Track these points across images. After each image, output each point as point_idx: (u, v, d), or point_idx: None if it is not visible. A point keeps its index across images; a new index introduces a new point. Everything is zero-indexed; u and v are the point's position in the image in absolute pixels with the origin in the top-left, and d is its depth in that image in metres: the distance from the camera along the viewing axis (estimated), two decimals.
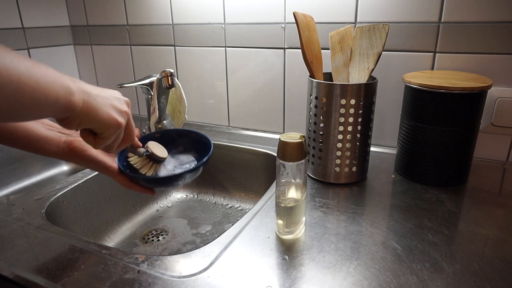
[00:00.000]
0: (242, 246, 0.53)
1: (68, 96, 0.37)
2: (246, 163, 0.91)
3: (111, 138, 0.45)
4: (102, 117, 0.42)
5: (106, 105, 0.43)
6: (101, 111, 0.41)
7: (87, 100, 0.40)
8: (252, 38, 0.94)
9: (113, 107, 0.44)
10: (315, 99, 0.68)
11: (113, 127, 0.43)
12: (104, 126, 0.42)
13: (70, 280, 0.47)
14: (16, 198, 0.68)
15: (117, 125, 0.44)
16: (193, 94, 1.08)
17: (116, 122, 0.43)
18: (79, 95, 0.39)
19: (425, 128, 0.67)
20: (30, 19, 1.08)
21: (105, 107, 0.42)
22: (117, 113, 0.44)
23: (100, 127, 0.42)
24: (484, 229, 0.56)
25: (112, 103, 0.44)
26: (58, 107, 0.37)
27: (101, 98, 0.42)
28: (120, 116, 0.44)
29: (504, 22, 0.71)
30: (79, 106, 0.39)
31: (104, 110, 0.42)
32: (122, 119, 0.45)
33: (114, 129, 0.44)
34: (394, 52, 0.81)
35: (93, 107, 0.41)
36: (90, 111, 0.40)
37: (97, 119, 0.41)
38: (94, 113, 0.41)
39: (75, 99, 0.38)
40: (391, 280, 0.46)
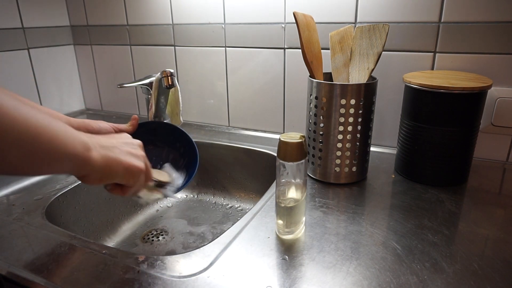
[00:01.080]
0: (242, 246, 0.53)
1: (86, 152, 0.37)
2: (246, 163, 0.91)
3: (137, 185, 0.46)
4: (123, 168, 0.42)
5: (124, 154, 0.43)
6: (121, 162, 0.42)
7: (106, 155, 0.40)
8: (252, 38, 0.94)
9: (130, 154, 0.44)
10: (315, 99, 0.68)
11: (137, 174, 0.44)
12: (128, 176, 0.43)
13: (70, 280, 0.47)
14: (16, 198, 0.68)
15: (140, 172, 0.44)
16: (193, 94, 1.08)
17: (138, 169, 0.44)
18: (96, 149, 0.39)
19: (425, 128, 0.67)
20: (30, 19, 1.08)
21: (124, 156, 0.43)
22: (136, 159, 0.44)
23: (124, 178, 0.43)
24: (484, 229, 0.56)
25: (128, 150, 0.44)
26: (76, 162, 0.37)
27: (117, 148, 0.43)
28: (139, 161, 0.45)
29: (504, 22, 0.71)
30: (97, 162, 0.39)
31: (124, 160, 0.42)
32: (142, 164, 0.45)
33: (138, 175, 0.44)
34: (394, 52, 0.81)
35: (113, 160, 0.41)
36: (110, 164, 0.40)
37: (119, 171, 0.42)
38: (115, 166, 0.41)
39: (93, 154, 0.38)
40: (391, 280, 0.46)
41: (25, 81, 1.10)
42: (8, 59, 1.04)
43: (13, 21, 1.04)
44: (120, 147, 0.44)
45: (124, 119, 1.17)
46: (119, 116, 1.21)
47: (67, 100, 1.24)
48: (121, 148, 0.43)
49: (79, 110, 1.28)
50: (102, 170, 0.40)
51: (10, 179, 0.75)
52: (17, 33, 1.05)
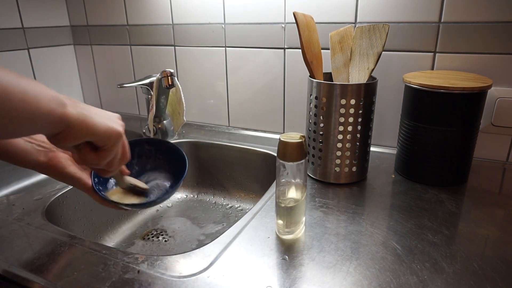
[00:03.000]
0: (242, 246, 0.53)
1: (60, 107, 0.36)
2: (246, 163, 0.91)
3: (114, 150, 0.43)
4: (101, 127, 0.40)
5: (101, 116, 0.41)
6: (99, 121, 0.40)
7: (81, 112, 0.38)
8: (252, 38, 0.94)
9: (109, 119, 0.42)
10: (315, 99, 0.68)
11: (114, 136, 0.42)
12: (106, 135, 0.41)
13: (70, 280, 0.47)
14: (16, 198, 0.68)
15: (118, 134, 0.42)
16: (193, 94, 1.08)
17: (116, 131, 0.42)
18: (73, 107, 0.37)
19: (425, 128, 0.67)
20: (30, 19, 1.08)
21: (101, 118, 0.41)
22: (114, 123, 0.42)
23: (101, 137, 0.41)
24: (484, 229, 0.56)
25: (105, 115, 0.42)
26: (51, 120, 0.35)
27: (95, 110, 0.41)
28: (118, 126, 0.43)
29: (504, 22, 0.71)
30: (73, 117, 0.37)
31: (102, 120, 0.40)
32: (121, 128, 0.44)
33: (116, 138, 0.42)
34: (394, 52, 0.81)
35: (90, 117, 0.39)
36: (87, 121, 0.38)
37: (96, 129, 0.39)
38: (92, 124, 0.39)
39: (69, 110, 0.36)
40: (391, 280, 0.46)
41: None
42: (8, 59, 1.04)
43: (13, 21, 1.04)
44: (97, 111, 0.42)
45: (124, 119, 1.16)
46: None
47: None
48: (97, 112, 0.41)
49: None
50: (78, 125, 0.37)
51: (10, 179, 0.75)
52: (17, 33, 1.05)
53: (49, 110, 0.34)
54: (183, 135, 1.00)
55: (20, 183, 0.74)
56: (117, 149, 0.44)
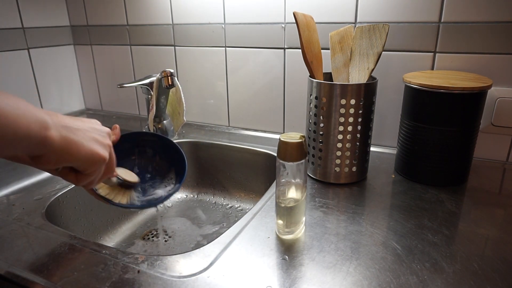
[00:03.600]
0: (242, 246, 0.53)
1: (42, 130, 0.34)
2: (246, 163, 0.91)
3: (95, 175, 0.42)
4: (85, 153, 0.38)
5: (88, 139, 0.39)
6: (83, 146, 0.38)
7: (66, 135, 0.36)
8: (252, 38, 0.94)
9: (95, 140, 0.40)
10: (315, 99, 0.68)
11: (98, 162, 0.40)
12: (88, 163, 0.39)
13: (70, 280, 0.47)
14: (16, 198, 0.68)
15: (102, 160, 0.41)
16: (193, 94, 1.08)
17: (100, 157, 0.40)
18: (56, 129, 0.35)
19: (425, 128, 0.67)
20: (30, 19, 1.08)
21: (87, 141, 0.39)
22: (100, 146, 0.41)
23: (83, 164, 0.39)
24: (484, 229, 0.56)
25: (93, 136, 0.40)
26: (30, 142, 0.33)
27: (82, 132, 0.39)
28: (104, 150, 0.41)
29: (504, 22, 0.71)
30: (55, 142, 0.35)
31: (86, 145, 0.39)
32: (106, 153, 0.42)
33: (99, 164, 0.41)
34: (394, 52, 0.81)
35: (74, 142, 0.37)
36: (70, 147, 0.37)
37: (79, 155, 0.38)
38: (75, 149, 0.37)
39: (51, 134, 0.34)
40: (391, 280, 0.46)
41: (25, 81, 1.10)
42: (8, 59, 1.04)
43: (13, 21, 1.04)
44: (85, 131, 0.40)
45: (124, 119, 1.17)
46: (119, 116, 1.21)
47: (67, 100, 1.24)
48: (86, 133, 0.39)
49: (79, 110, 1.28)
50: (59, 152, 0.36)
51: (10, 179, 0.75)
52: (17, 33, 1.05)
53: (28, 133, 0.33)
54: (183, 135, 1.00)
55: (20, 183, 0.74)
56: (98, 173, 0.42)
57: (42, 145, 0.34)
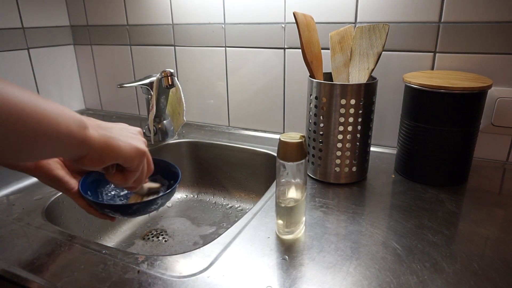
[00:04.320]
0: (242, 246, 0.53)
1: (81, 130, 0.34)
2: (246, 163, 0.91)
3: (140, 169, 0.43)
4: (125, 149, 0.39)
5: (124, 136, 0.40)
6: (122, 142, 0.39)
7: (104, 134, 0.37)
8: (252, 38, 0.94)
9: (131, 137, 0.41)
10: (315, 99, 0.68)
11: (140, 155, 0.41)
12: (131, 157, 0.40)
13: (70, 280, 0.47)
14: (16, 198, 0.68)
15: (142, 153, 0.42)
16: (193, 94, 1.08)
17: (140, 150, 0.41)
18: (94, 129, 0.36)
19: (425, 128, 0.67)
20: (30, 19, 1.08)
21: (124, 138, 0.40)
22: (138, 141, 0.42)
23: (126, 159, 0.40)
24: (484, 229, 0.56)
25: (127, 134, 0.42)
26: (72, 142, 0.34)
27: (116, 130, 0.40)
28: (142, 144, 0.42)
29: (504, 22, 0.71)
30: (95, 140, 0.36)
31: (125, 140, 0.40)
32: (144, 146, 0.43)
33: (141, 157, 0.41)
34: (394, 52, 0.81)
35: (112, 139, 0.38)
36: (111, 143, 0.38)
37: (121, 151, 0.39)
38: (116, 146, 0.38)
39: (90, 133, 0.35)
40: (391, 280, 0.46)
41: (25, 81, 1.10)
42: (8, 59, 1.04)
43: (13, 21, 1.04)
44: (119, 129, 0.41)
45: (124, 119, 1.17)
46: (119, 116, 1.21)
47: (67, 100, 1.24)
48: (120, 131, 0.41)
49: (79, 110, 1.28)
50: (101, 149, 0.37)
51: (10, 179, 0.75)
52: (17, 33, 1.05)
53: (69, 132, 0.33)
54: (183, 135, 1.00)
55: (20, 183, 0.74)
56: (143, 167, 0.43)
57: (83, 144, 0.35)
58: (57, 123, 0.32)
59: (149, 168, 0.46)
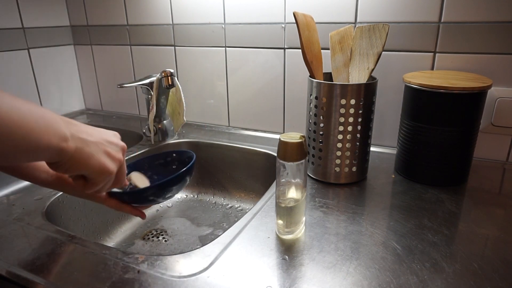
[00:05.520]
0: (242, 246, 0.53)
1: (61, 142, 0.37)
2: (246, 163, 0.91)
3: (101, 184, 0.45)
4: (93, 165, 0.42)
5: (99, 152, 0.43)
6: (93, 159, 0.41)
7: (80, 147, 0.40)
8: (252, 38, 0.94)
9: (107, 154, 0.44)
10: (315, 99, 0.68)
11: (104, 174, 0.43)
12: (95, 174, 0.43)
13: (70, 280, 0.47)
14: (16, 198, 0.68)
15: (108, 173, 0.44)
16: (193, 94, 1.08)
17: (106, 170, 0.43)
18: (73, 141, 0.39)
19: (425, 128, 0.67)
20: (30, 19, 1.08)
21: (98, 154, 0.42)
22: (109, 160, 0.44)
23: (90, 174, 0.42)
24: (484, 229, 0.56)
25: (106, 149, 0.44)
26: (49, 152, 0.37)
27: (95, 144, 0.42)
28: (112, 163, 0.44)
29: (504, 22, 0.71)
30: (70, 153, 0.39)
31: (96, 158, 0.42)
32: (114, 167, 0.44)
33: (104, 176, 0.44)
34: (394, 52, 0.81)
35: (85, 154, 0.41)
36: (81, 158, 0.40)
37: (88, 166, 0.41)
38: (85, 161, 0.41)
39: (68, 145, 0.38)
40: (391, 280, 0.46)
41: (25, 81, 1.10)
42: (8, 59, 1.04)
43: (13, 21, 1.04)
44: (99, 144, 0.43)
45: (124, 119, 1.17)
46: (119, 116, 1.21)
47: (67, 100, 1.24)
48: (99, 145, 0.43)
49: (79, 110, 1.28)
50: (72, 161, 0.39)
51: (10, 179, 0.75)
52: (17, 33, 1.05)
53: (49, 145, 0.36)
54: (183, 135, 1.00)
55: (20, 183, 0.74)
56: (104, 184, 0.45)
57: (59, 154, 0.38)
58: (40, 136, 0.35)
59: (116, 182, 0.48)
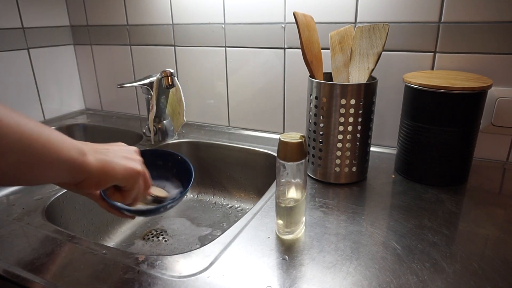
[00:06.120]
0: (242, 246, 0.53)
1: (80, 156, 0.37)
2: (246, 163, 0.91)
3: (136, 188, 0.45)
4: (120, 171, 0.42)
5: (119, 157, 0.43)
6: (117, 164, 0.42)
7: (101, 158, 0.40)
8: (252, 38, 0.94)
9: (126, 158, 0.44)
10: (315, 99, 0.68)
11: (135, 176, 0.44)
12: (126, 178, 0.43)
13: (70, 280, 0.47)
14: (16, 198, 0.68)
15: (137, 174, 0.44)
16: (193, 94, 1.08)
17: (135, 171, 0.44)
18: (91, 154, 0.39)
19: (425, 128, 0.67)
20: (30, 19, 1.08)
21: (119, 160, 0.43)
22: (133, 162, 0.44)
23: (121, 181, 0.43)
24: (484, 229, 0.56)
25: (123, 154, 0.44)
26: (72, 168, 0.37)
27: (112, 152, 0.43)
28: (137, 164, 0.45)
29: (504, 22, 0.71)
30: (93, 165, 0.39)
31: (119, 164, 0.42)
32: (139, 166, 0.45)
33: (136, 178, 0.44)
34: (394, 52, 0.81)
35: (108, 163, 0.41)
36: (107, 168, 0.40)
37: (116, 173, 0.41)
38: (112, 169, 0.41)
39: (89, 159, 0.38)
40: (391, 280, 0.46)
41: (25, 81, 1.10)
42: (8, 59, 1.04)
43: (13, 21, 1.04)
44: (115, 151, 0.44)
45: (124, 119, 1.17)
46: (119, 116, 1.21)
47: (67, 100, 1.24)
48: (116, 152, 0.43)
49: (79, 110, 1.28)
50: (98, 174, 0.40)
51: None
52: (17, 33, 1.05)
53: (69, 158, 0.36)
54: (183, 135, 1.00)
55: None
56: (139, 186, 0.46)
57: (82, 169, 0.38)
58: (60, 149, 0.35)
59: (145, 184, 0.48)
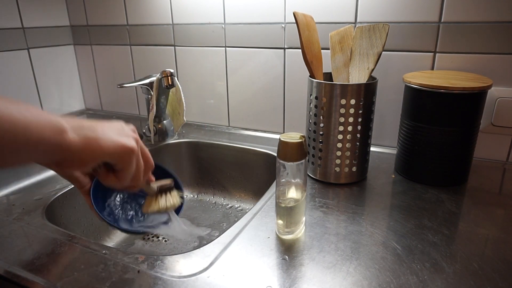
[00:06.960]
0: (242, 246, 0.53)
1: (57, 135, 0.33)
2: (246, 163, 0.91)
3: (131, 168, 0.40)
4: (108, 147, 0.37)
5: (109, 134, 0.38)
6: (104, 140, 0.37)
7: (85, 135, 0.36)
8: (252, 38, 0.94)
9: (118, 133, 0.39)
10: (315, 99, 0.68)
11: (126, 153, 0.39)
12: (116, 155, 0.38)
13: (70, 280, 0.47)
14: (16, 198, 0.68)
15: (129, 150, 0.39)
16: (193, 94, 1.08)
17: (127, 147, 0.39)
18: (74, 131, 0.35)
19: (425, 128, 0.67)
20: (30, 19, 1.08)
21: (108, 135, 0.38)
22: (124, 137, 0.39)
23: (111, 158, 0.38)
24: (484, 229, 0.56)
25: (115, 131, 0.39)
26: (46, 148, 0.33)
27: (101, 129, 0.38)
28: (129, 139, 0.40)
29: (504, 22, 0.71)
30: (75, 144, 0.35)
31: (109, 139, 0.37)
32: (132, 142, 0.40)
33: (128, 155, 0.39)
34: (394, 52, 0.81)
35: (95, 139, 0.36)
36: (91, 145, 0.36)
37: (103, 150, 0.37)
38: (97, 146, 0.36)
39: (69, 137, 0.34)
40: (391, 280, 0.46)
41: (25, 81, 1.10)
42: (8, 59, 1.04)
43: (13, 21, 1.04)
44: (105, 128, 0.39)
45: (124, 119, 1.16)
46: (119, 116, 1.21)
47: (67, 100, 1.24)
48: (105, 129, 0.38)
49: (79, 110, 1.28)
50: (81, 152, 0.35)
51: (10, 179, 0.75)
52: (17, 33, 1.05)
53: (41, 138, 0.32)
54: (183, 135, 1.00)
55: (20, 183, 0.74)
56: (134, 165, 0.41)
57: (60, 149, 0.34)
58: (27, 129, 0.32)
59: (146, 164, 0.44)
